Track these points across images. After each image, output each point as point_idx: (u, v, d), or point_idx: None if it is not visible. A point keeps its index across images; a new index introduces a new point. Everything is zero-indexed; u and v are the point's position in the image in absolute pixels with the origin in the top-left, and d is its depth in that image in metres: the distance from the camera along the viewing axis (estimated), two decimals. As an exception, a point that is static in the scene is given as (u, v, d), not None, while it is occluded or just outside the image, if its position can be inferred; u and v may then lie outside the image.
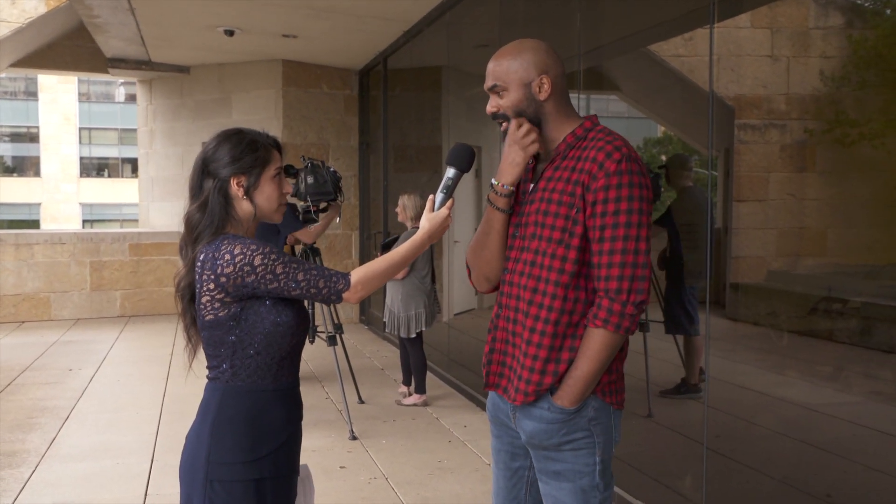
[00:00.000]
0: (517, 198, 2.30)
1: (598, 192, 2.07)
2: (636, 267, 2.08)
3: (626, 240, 2.07)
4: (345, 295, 2.17)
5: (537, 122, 2.20)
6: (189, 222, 2.20)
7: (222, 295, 2.11)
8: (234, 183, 2.18)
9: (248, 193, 2.20)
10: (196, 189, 2.22)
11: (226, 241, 2.12)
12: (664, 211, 5.30)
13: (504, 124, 2.23)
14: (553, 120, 2.21)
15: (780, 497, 3.99)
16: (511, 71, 2.18)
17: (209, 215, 2.17)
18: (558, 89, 2.21)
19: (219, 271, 2.09)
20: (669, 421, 5.08)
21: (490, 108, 2.24)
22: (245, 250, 2.09)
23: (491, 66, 2.23)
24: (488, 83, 2.23)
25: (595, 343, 2.09)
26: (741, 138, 4.98)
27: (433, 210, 2.29)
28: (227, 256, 2.09)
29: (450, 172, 2.28)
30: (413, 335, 6.23)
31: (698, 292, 5.08)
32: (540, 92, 2.18)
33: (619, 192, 2.06)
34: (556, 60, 2.22)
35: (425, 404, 6.34)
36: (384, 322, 6.56)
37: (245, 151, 2.19)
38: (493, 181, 2.26)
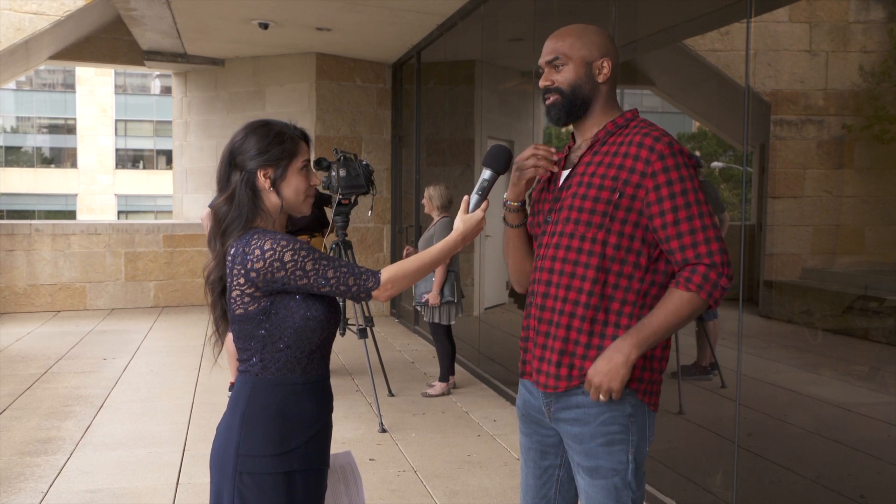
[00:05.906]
0: (548, 185, 2.31)
1: (657, 175, 2.07)
2: (720, 241, 2.07)
3: (701, 216, 2.06)
4: (374, 293, 2.15)
5: (588, 103, 2.22)
6: (217, 214, 2.19)
7: (252, 290, 2.11)
8: (261, 175, 2.17)
9: (275, 185, 2.18)
10: (223, 181, 2.21)
11: (256, 236, 2.11)
12: None
13: (550, 98, 2.23)
14: (602, 105, 2.23)
15: (813, 497, 3.94)
16: (575, 47, 2.20)
17: (237, 207, 2.16)
18: (613, 77, 2.24)
19: (249, 266, 2.09)
20: (701, 418, 5.04)
21: (544, 81, 2.24)
22: (275, 245, 2.08)
23: (552, 42, 2.24)
24: (547, 57, 2.23)
25: (681, 304, 2.06)
26: (777, 134, 4.91)
27: (468, 211, 2.27)
28: (258, 252, 2.08)
29: (486, 174, 2.27)
30: (454, 322, 6.29)
31: None
32: (599, 74, 2.21)
33: (680, 172, 2.07)
34: (616, 50, 2.26)
35: (454, 386, 6.49)
36: (418, 310, 6.61)
37: (272, 143, 2.18)
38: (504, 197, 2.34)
